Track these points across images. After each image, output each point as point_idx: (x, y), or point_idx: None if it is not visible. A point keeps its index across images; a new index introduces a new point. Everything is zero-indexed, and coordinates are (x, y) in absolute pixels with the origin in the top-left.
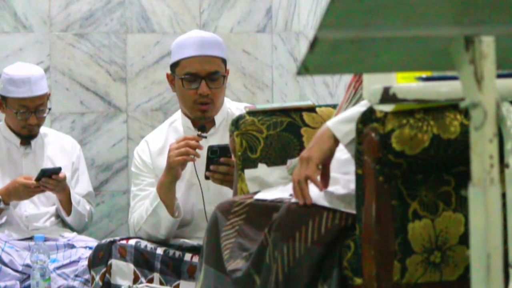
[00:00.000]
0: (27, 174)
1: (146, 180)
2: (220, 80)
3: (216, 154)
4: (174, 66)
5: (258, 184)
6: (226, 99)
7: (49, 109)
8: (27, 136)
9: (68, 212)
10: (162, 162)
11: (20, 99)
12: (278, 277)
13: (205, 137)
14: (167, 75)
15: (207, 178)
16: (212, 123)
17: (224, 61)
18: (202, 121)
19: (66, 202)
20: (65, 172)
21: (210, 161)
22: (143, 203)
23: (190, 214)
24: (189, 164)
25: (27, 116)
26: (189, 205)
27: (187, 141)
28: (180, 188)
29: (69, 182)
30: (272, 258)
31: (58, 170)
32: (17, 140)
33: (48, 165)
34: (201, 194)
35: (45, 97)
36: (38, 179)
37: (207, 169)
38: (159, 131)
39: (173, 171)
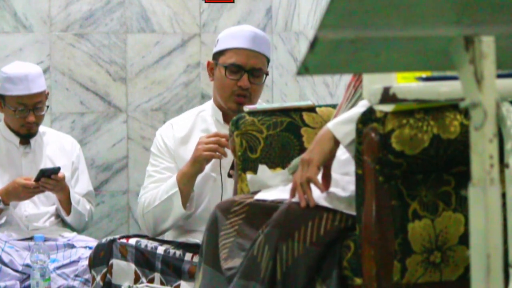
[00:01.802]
0: (26, 173)
1: (164, 164)
2: (262, 77)
3: None
4: (218, 54)
5: (259, 187)
6: (259, 100)
7: (47, 106)
8: (26, 135)
9: (68, 212)
10: (184, 151)
11: (18, 97)
12: (275, 276)
13: None
14: (208, 63)
15: (229, 176)
16: None
17: (268, 61)
18: (234, 115)
19: (66, 202)
20: (65, 172)
21: None
22: (157, 186)
23: (202, 206)
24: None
25: (26, 114)
26: (203, 197)
27: (218, 139)
28: (198, 178)
29: (69, 182)
30: (261, 249)
31: (57, 170)
32: (16, 140)
33: (47, 164)
34: (217, 189)
35: (43, 95)
36: (37, 179)
37: (232, 167)
38: (186, 118)
39: (197, 164)
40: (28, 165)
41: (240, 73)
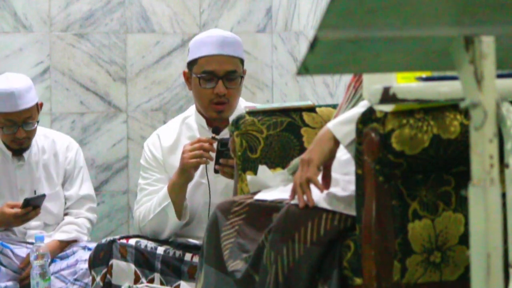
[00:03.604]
0: (22, 185)
1: (155, 175)
2: (237, 80)
3: (226, 147)
4: (191, 64)
5: (259, 188)
6: (240, 99)
7: (38, 121)
8: (18, 149)
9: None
10: (174, 160)
11: (5, 114)
12: (278, 278)
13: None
14: (184, 73)
15: (216, 171)
16: (226, 123)
17: (242, 61)
18: (216, 121)
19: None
20: (56, 180)
21: (220, 154)
22: (150, 199)
23: (195, 213)
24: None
25: (14, 130)
26: (195, 204)
27: (201, 144)
28: (188, 186)
29: (60, 189)
30: (269, 259)
31: (41, 197)
32: (9, 152)
33: (42, 175)
34: (208, 194)
35: (33, 109)
36: (23, 206)
37: (217, 162)
38: (172, 126)
39: (186, 173)
40: (22, 176)
41: (215, 80)
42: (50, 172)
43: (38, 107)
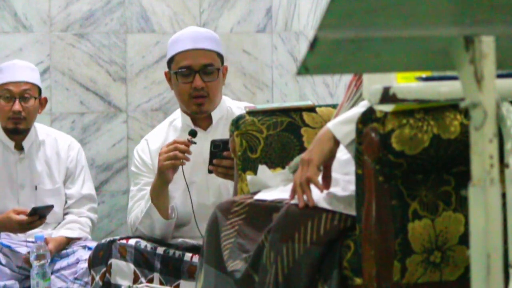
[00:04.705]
0: (22, 179)
1: (145, 180)
2: (215, 73)
3: (219, 148)
4: (169, 62)
5: (259, 188)
6: (225, 98)
7: (35, 98)
8: (14, 130)
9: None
10: None
11: (4, 84)
12: (277, 278)
13: (195, 143)
14: (165, 74)
15: (210, 172)
16: (209, 120)
17: (219, 55)
18: (198, 116)
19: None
20: (58, 178)
21: (213, 155)
22: (140, 203)
23: (188, 215)
24: (185, 166)
25: (12, 103)
26: (187, 205)
27: (176, 145)
28: (178, 189)
29: (61, 187)
30: (268, 259)
31: (50, 207)
32: (11, 144)
33: (43, 170)
34: (201, 194)
35: (33, 88)
36: (30, 214)
37: (210, 163)
38: (159, 130)
39: (163, 175)
40: (23, 170)
41: (192, 75)
42: (51, 168)
43: (39, 92)
